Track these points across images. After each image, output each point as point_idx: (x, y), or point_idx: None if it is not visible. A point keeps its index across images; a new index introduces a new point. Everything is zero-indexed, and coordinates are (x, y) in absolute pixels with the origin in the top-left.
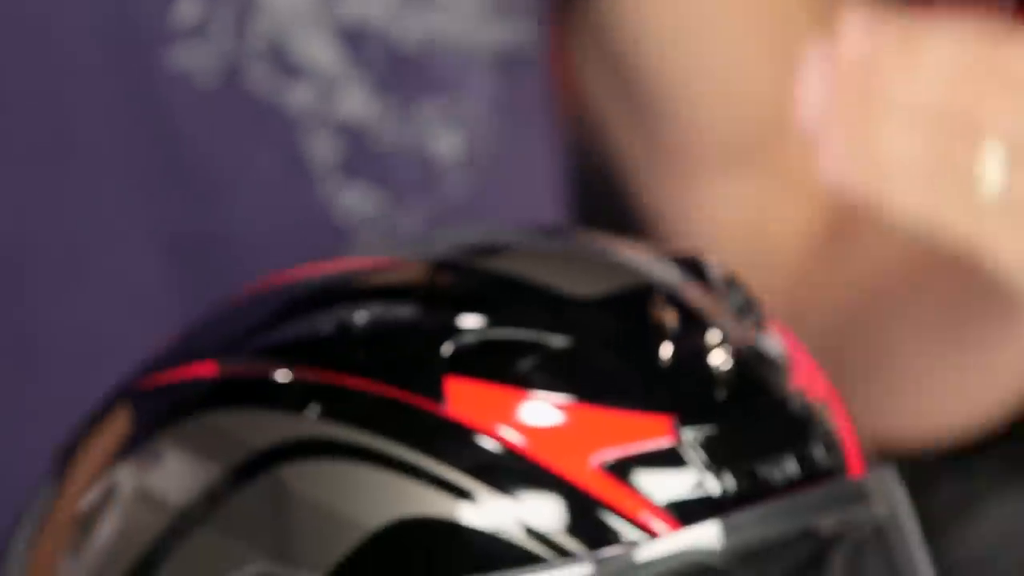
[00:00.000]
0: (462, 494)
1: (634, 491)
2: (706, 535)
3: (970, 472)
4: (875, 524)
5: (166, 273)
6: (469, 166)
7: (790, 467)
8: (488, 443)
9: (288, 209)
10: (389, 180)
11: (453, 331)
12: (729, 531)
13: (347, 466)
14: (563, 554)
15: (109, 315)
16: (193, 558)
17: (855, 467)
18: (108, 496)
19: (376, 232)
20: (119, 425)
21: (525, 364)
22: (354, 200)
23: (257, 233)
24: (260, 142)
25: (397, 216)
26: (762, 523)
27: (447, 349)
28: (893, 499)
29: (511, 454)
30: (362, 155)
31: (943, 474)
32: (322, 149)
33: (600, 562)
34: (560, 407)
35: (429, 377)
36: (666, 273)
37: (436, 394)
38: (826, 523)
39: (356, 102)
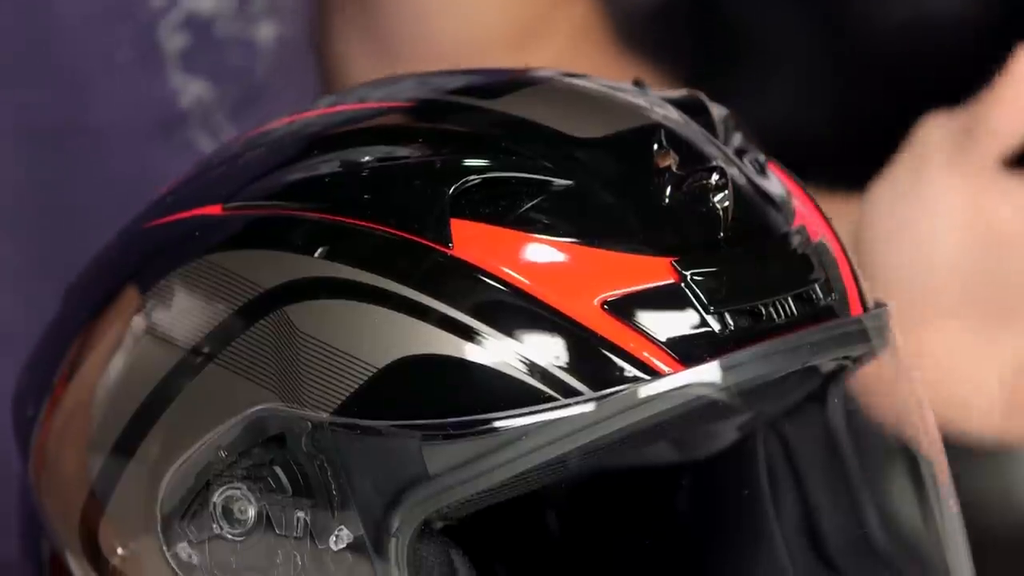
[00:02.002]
0: (467, 333)
1: (637, 330)
2: (708, 373)
3: None
4: (873, 361)
5: (29, 163)
6: (279, 51)
7: (791, 306)
8: (493, 283)
9: (143, 98)
10: (221, 67)
11: (457, 173)
12: (731, 369)
13: (353, 305)
14: (567, 392)
15: None
16: (201, 397)
17: (854, 306)
18: (119, 337)
19: (210, 115)
20: (129, 300)
21: (529, 205)
22: (195, 87)
23: (114, 123)
24: (121, 34)
25: (223, 97)
26: (763, 361)
27: (452, 191)
28: (892, 336)
29: (515, 294)
30: (203, 46)
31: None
32: (173, 41)
33: (603, 399)
34: (563, 248)
35: (434, 219)
36: (667, 113)
37: (441, 235)
38: (826, 361)
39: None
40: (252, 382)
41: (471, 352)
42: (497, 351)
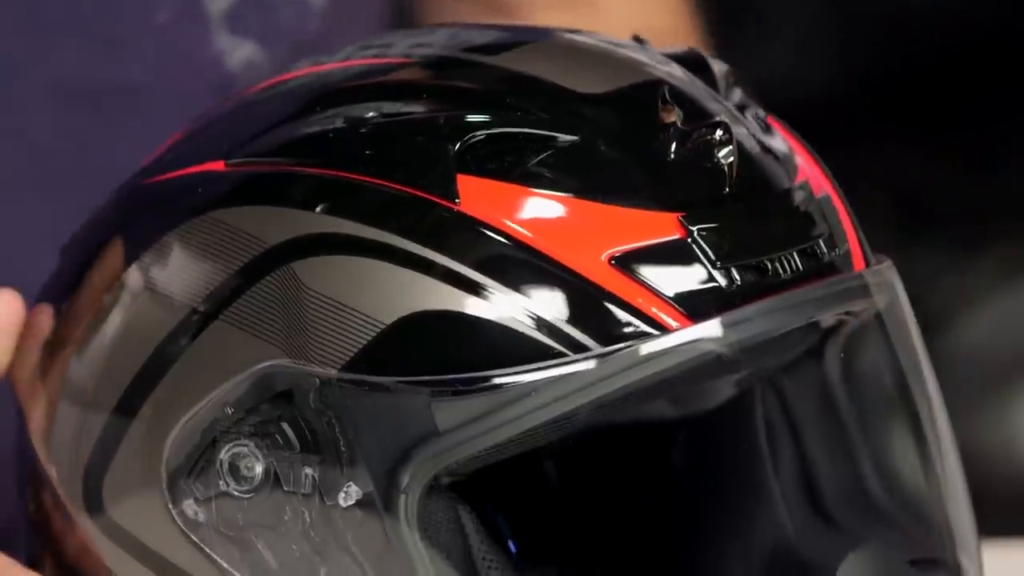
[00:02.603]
0: (475, 289)
1: (644, 285)
2: (716, 328)
3: (968, 270)
4: (876, 315)
5: (63, 123)
6: (329, 10)
7: (796, 261)
8: (500, 238)
9: (185, 59)
10: (271, 28)
11: (462, 128)
12: (738, 324)
13: (360, 261)
14: (575, 347)
15: (8, 163)
16: (206, 354)
17: (857, 261)
18: (118, 294)
19: (260, 77)
20: (129, 257)
21: (534, 161)
22: (244, 49)
23: (155, 83)
24: None
25: (273, 59)
26: (770, 317)
27: (457, 146)
28: (893, 291)
29: (523, 249)
30: (253, 7)
31: (942, 271)
32: (217, 2)
33: (612, 354)
34: (570, 203)
35: (441, 174)
36: (670, 70)
37: (448, 191)
38: (829, 316)
39: None
40: (258, 338)
41: (479, 308)
42: (505, 306)
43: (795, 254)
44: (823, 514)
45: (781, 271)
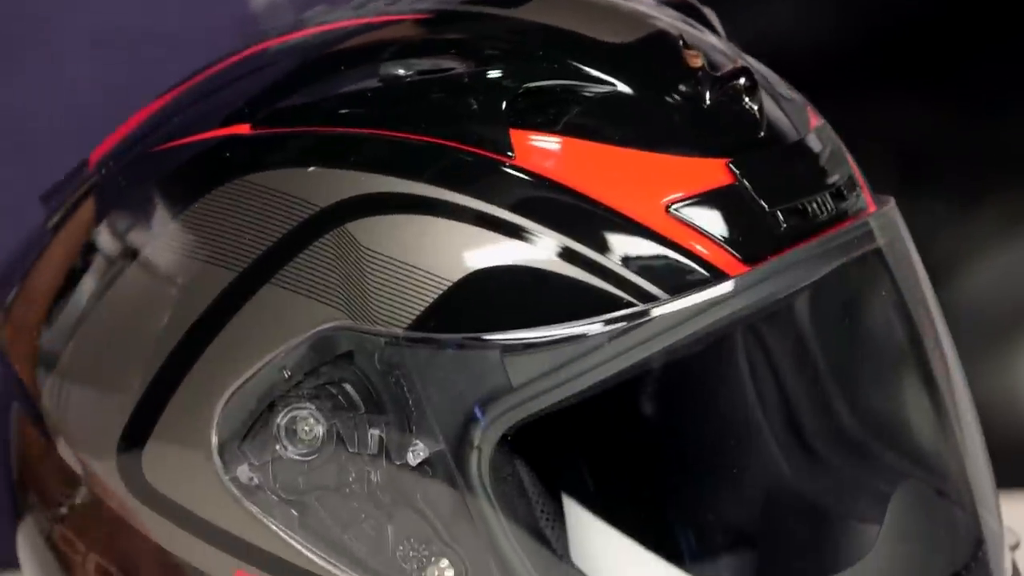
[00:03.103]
0: (541, 242)
1: (702, 232)
2: (775, 271)
3: (969, 221)
4: (886, 254)
5: (101, 73)
6: None
7: (830, 202)
8: (560, 191)
9: (214, 2)
10: None
11: (506, 83)
12: (793, 267)
13: (421, 219)
14: (644, 296)
15: (40, 105)
16: (257, 319)
17: (869, 200)
18: (156, 262)
19: (279, 16)
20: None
21: (576, 112)
22: None
23: (187, 29)
24: None
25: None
26: (819, 257)
27: (505, 101)
28: (899, 228)
29: (584, 200)
30: None
31: (943, 223)
32: None
33: (680, 302)
34: (622, 153)
35: (493, 129)
36: (672, 21)
37: (502, 145)
38: (856, 256)
39: None
40: (316, 301)
41: (545, 261)
42: (571, 259)
43: (828, 196)
44: (807, 448)
45: (819, 212)
